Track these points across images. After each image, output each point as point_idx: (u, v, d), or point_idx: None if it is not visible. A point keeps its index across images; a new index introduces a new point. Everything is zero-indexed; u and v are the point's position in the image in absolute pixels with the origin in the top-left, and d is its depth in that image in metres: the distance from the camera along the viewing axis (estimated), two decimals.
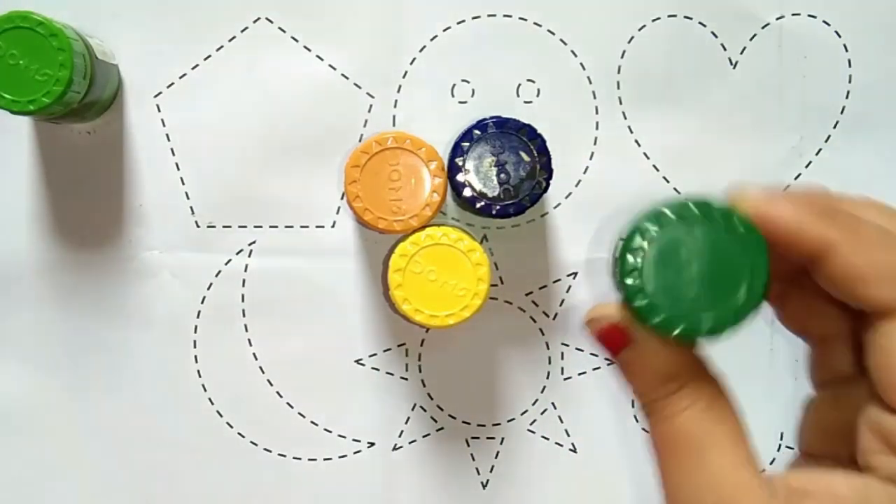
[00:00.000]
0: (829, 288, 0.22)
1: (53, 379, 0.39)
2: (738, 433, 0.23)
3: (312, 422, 0.39)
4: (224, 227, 0.39)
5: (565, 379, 0.39)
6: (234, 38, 0.38)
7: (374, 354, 0.39)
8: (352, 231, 0.39)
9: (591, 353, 0.39)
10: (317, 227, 0.39)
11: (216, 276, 0.39)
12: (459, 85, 0.38)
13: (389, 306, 0.39)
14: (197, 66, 0.38)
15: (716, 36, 0.38)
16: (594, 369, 0.39)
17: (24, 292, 0.38)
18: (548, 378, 0.39)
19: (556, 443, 0.39)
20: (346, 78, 0.38)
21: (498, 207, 0.34)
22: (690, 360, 0.23)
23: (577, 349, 0.39)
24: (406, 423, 0.39)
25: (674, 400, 0.23)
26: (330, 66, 0.38)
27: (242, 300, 0.39)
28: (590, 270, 0.39)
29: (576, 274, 0.39)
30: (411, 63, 0.38)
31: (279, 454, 0.39)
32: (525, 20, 0.38)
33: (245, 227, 0.39)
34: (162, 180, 0.38)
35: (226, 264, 0.39)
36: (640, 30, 0.38)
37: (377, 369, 0.39)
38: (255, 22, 0.38)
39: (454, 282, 0.34)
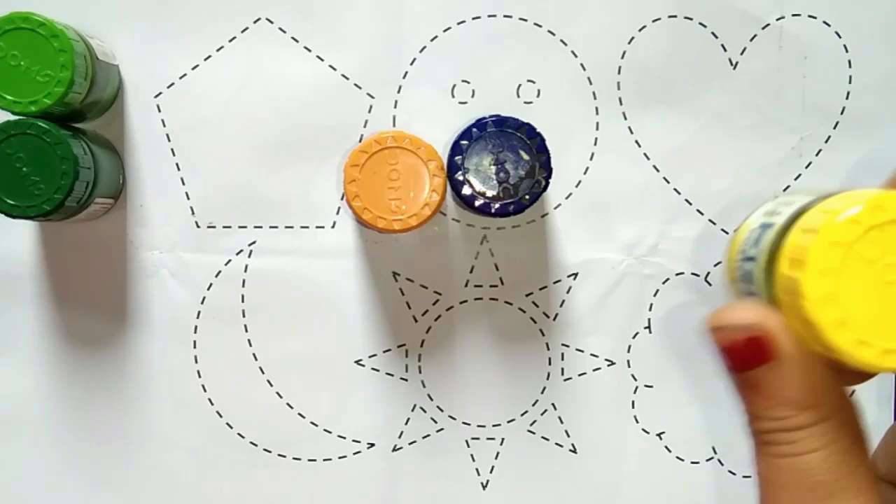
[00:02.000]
0: None
1: (53, 379, 0.39)
2: (871, 483, 0.20)
3: (312, 422, 0.39)
4: (224, 227, 0.39)
5: (565, 379, 0.39)
6: (234, 38, 0.38)
7: (374, 355, 0.39)
8: (352, 231, 0.39)
9: (592, 354, 0.39)
10: (317, 227, 0.39)
11: (216, 276, 0.39)
12: (459, 85, 0.38)
13: None
14: (197, 66, 0.38)
15: (716, 36, 0.38)
16: (594, 370, 0.39)
17: (24, 292, 0.39)
18: (548, 378, 0.39)
19: (556, 443, 0.39)
20: (347, 78, 0.38)
21: (497, 206, 0.34)
22: (837, 388, 0.20)
23: (577, 350, 0.39)
24: (406, 423, 0.39)
25: (810, 435, 0.19)
26: (330, 66, 0.38)
27: (242, 300, 0.39)
28: (590, 270, 0.39)
29: (576, 274, 0.39)
30: (411, 63, 0.38)
31: (279, 454, 0.39)
32: (525, 20, 0.38)
33: (245, 227, 0.39)
34: (162, 180, 0.38)
35: (226, 264, 0.39)
36: (640, 30, 0.38)
37: (377, 370, 0.39)
38: (255, 22, 0.38)
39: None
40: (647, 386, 0.39)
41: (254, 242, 0.39)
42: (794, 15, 0.38)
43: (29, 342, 0.39)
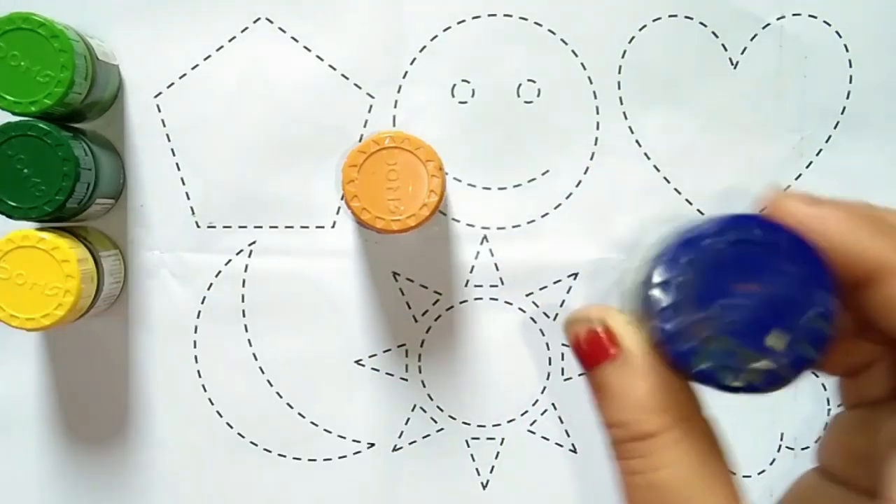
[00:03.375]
0: (877, 314, 0.19)
1: (53, 379, 0.39)
2: (733, 492, 0.18)
3: (312, 422, 0.39)
4: (224, 227, 0.39)
5: (565, 379, 0.39)
6: (234, 38, 0.38)
7: (374, 355, 0.39)
8: (352, 231, 0.39)
9: None
10: (317, 227, 0.39)
11: (216, 276, 0.39)
12: (459, 85, 0.38)
13: None
14: (197, 66, 0.38)
15: (716, 36, 0.38)
16: None
17: None
18: (548, 378, 0.39)
19: (556, 443, 0.39)
20: (347, 78, 0.38)
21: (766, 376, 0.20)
22: (686, 391, 0.19)
23: None
24: (406, 423, 0.39)
25: (662, 445, 0.18)
26: (330, 66, 0.38)
27: (242, 300, 0.39)
28: (590, 270, 0.39)
29: (576, 274, 0.39)
30: (411, 63, 0.38)
31: (279, 454, 0.39)
32: (525, 20, 0.38)
33: (245, 227, 0.39)
34: (162, 180, 0.38)
35: (226, 264, 0.39)
36: (640, 30, 0.38)
37: (377, 370, 0.39)
38: (255, 22, 0.38)
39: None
40: None
41: (254, 242, 0.39)
42: (794, 14, 0.38)
43: (29, 342, 0.39)
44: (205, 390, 0.39)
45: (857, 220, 0.18)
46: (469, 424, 0.39)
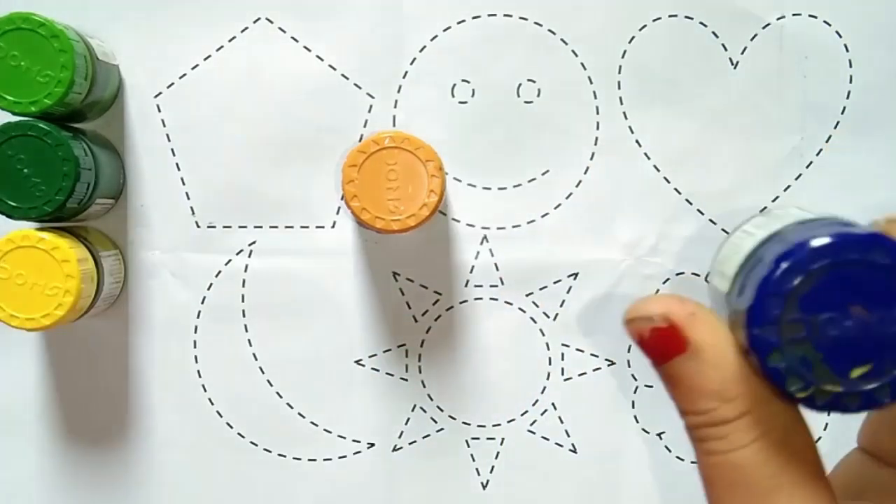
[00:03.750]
0: None
1: (53, 379, 0.39)
2: (813, 474, 0.19)
3: (312, 422, 0.39)
4: (224, 227, 0.39)
5: (565, 379, 0.39)
6: (234, 38, 0.38)
7: (374, 355, 0.39)
8: (352, 231, 0.39)
9: (592, 354, 0.39)
10: (317, 227, 0.39)
11: (216, 276, 0.39)
12: (459, 85, 0.38)
13: None
14: (197, 66, 0.38)
15: (716, 36, 0.38)
16: (594, 370, 0.39)
17: None
18: (548, 378, 0.39)
19: (556, 443, 0.39)
20: (346, 78, 0.38)
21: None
22: (755, 379, 0.19)
23: (578, 349, 0.39)
24: (406, 423, 0.39)
25: (738, 429, 0.18)
26: (330, 66, 0.38)
27: (242, 300, 0.39)
28: (590, 270, 0.39)
29: (576, 274, 0.39)
30: (411, 63, 0.38)
31: (279, 454, 0.39)
32: (525, 20, 0.38)
33: (245, 227, 0.39)
34: (162, 180, 0.38)
35: (226, 264, 0.39)
36: (640, 30, 0.38)
37: (377, 370, 0.39)
38: (255, 22, 0.38)
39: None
40: (647, 386, 0.39)
41: (254, 242, 0.39)
42: (794, 14, 0.38)
43: (29, 342, 0.39)
44: (205, 390, 0.39)
45: None
46: (469, 424, 0.39)
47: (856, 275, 0.18)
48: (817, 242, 0.19)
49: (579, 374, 0.39)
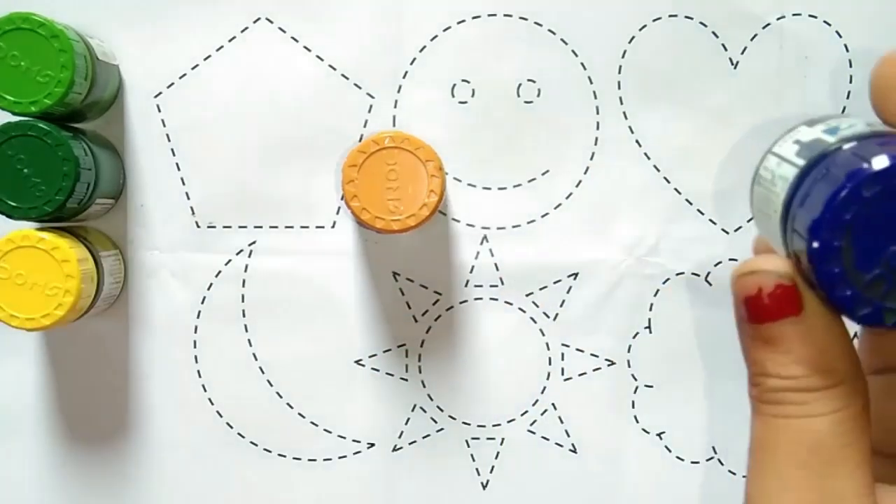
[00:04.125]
0: None
1: (53, 379, 0.39)
2: (870, 457, 0.19)
3: (312, 422, 0.39)
4: (224, 227, 0.39)
5: (565, 379, 0.39)
6: (234, 38, 0.38)
7: (374, 355, 0.39)
8: (352, 231, 0.39)
9: (592, 354, 0.39)
10: (317, 227, 0.39)
11: (216, 276, 0.39)
12: (459, 85, 0.38)
13: None
14: (197, 66, 0.38)
15: (717, 36, 0.38)
16: (594, 370, 0.39)
17: None
18: (548, 378, 0.39)
19: (556, 443, 0.39)
20: (347, 78, 0.38)
21: None
22: (854, 354, 0.19)
23: (577, 350, 0.39)
24: (406, 423, 0.39)
25: (823, 397, 0.19)
26: (330, 66, 0.38)
27: (242, 300, 0.39)
28: (590, 270, 0.39)
29: (576, 274, 0.39)
30: (411, 63, 0.38)
31: (279, 454, 0.39)
32: (525, 20, 0.38)
33: (245, 227, 0.39)
34: (162, 180, 0.38)
35: (226, 264, 0.39)
36: (640, 30, 0.38)
37: (377, 370, 0.39)
38: (255, 22, 0.38)
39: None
40: (647, 386, 0.39)
41: (254, 242, 0.39)
42: (794, 14, 0.38)
43: (29, 342, 0.39)
44: (205, 390, 0.39)
45: None
46: (469, 424, 0.39)
47: None
48: (851, 178, 0.19)
49: (579, 374, 0.39)
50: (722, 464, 0.39)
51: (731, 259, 0.39)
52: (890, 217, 0.18)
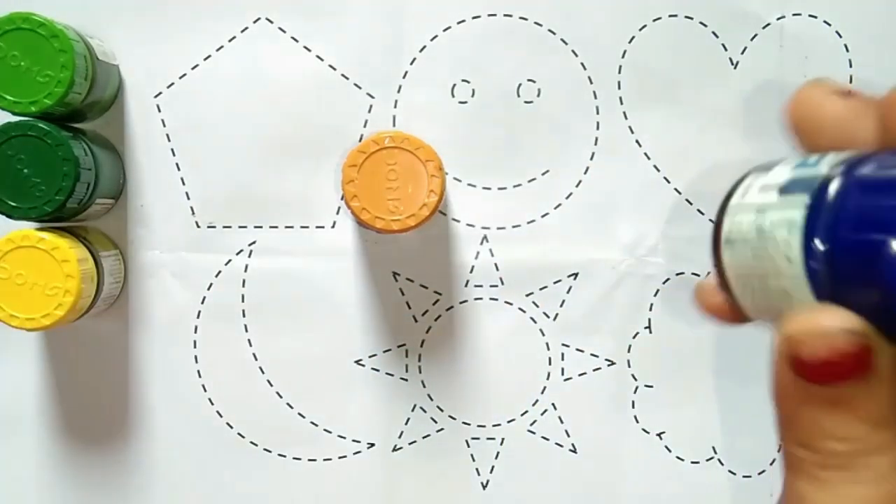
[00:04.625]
0: None
1: (53, 379, 0.39)
2: None
3: (312, 422, 0.39)
4: (224, 227, 0.39)
5: (565, 379, 0.39)
6: (234, 38, 0.38)
7: (374, 355, 0.39)
8: (352, 231, 0.39)
9: (592, 354, 0.39)
10: (317, 227, 0.39)
11: (216, 276, 0.39)
12: (459, 85, 0.38)
13: None
14: (197, 66, 0.38)
15: (717, 36, 0.38)
16: (594, 370, 0.39)
17: None
18: (548, 378, 0.39)
19: (556, 443, 0.39)
20: (346, 78, 0.38)
21: None
22: None
23: (577, 350, 0.39)
24: (406, 423, 0.39)
25: (887, 455, 0.17)
26: (330, 66, 0.38)
27: (242, 300, 0.39)
28: (590, 270, 0.39)
29: (576, 274, 0.39)
30: (411, 63, 0.38)
31: (279, 454, 0.39)
32: (525, 20, 0.38)
33: (245, 227, 0.39)
34: (162, 180, 0.38)
35: (226, 264, 0.39)
36: (640, 29, 0.38)
37: (377, 370, 0.39)
38: (255, 22, 0.38)
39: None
40: (647, 386, 0.39)
41: (254, 242, 0.39)
42: (794, 14, 0.38)
43: (29, 342, 0.39)
44: (205, 390, 0.39)
45: None
46: (469, 424, 0.39)
47: None
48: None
49: (579, 374, 0.39)
50: (722, 464, 0.39)
51: None
52: None
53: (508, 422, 0.39)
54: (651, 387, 0.39)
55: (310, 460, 0.39)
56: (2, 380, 0.39)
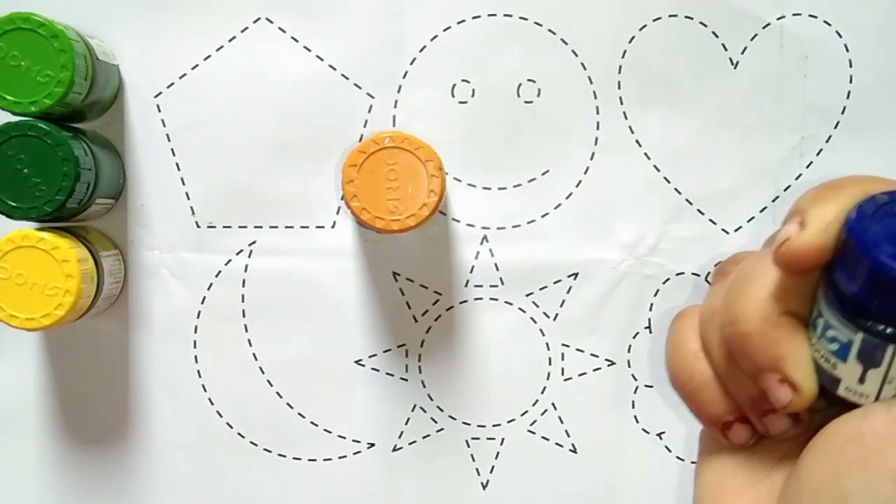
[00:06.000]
0: None
1: (53, 379, 0.39)
2: None
3: (312, 422, 0.39)
4: (224, 227, 0.39)
5: (565, 379, 0.39)
6: (234, 38, 0.38)
7: (374, 355, 0.39)
8: (352, 231, 0.39)
9: (592, 354, 0.39)
10: (317, 227, 0.39)
11: (216, 276, 0.39)
12: (459, 85, 0.38)
13: None
14: (197, 66, 0.38)
15: (717, 36, 0.38)
16: (594, 370, 0.39)
17: None
18: (548, 378, 0.39)
19: (556, 443, 0.39)
20: (346, 78, 0.38)
21: None
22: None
23: (578, 350, 0.39)
24: (406, 423, 0.39)
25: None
26: (330, 66, 0.38)
27: (242, 300, 0.39)
28: (590, 270, 0.39)
29: (576, 274, 0.39)
30: (411, 63, 0.38)
31: (279, 454, 0.39)
32: (525, 20, 0.38)
33: (245, 227, 0.39)
34: (162, 180, 0.38)
35: (226, 264, 0.39)
36: (640, 29, 0.38)
37: (377, 370, 0.39)
38: (255, 22, 0.38)
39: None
40: (647, 386, 0.39)
41: (254, 242, 0.39)
42: (794, 14, 0.38)
43: (29, 342, 0.39)
44: (205, 390, 0.39)
45: None
46: (469, 424, 0.39)
47: None
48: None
49: (579, 374, 0.39)
50: None
51: None
52: None
53: (508, 422, 0.39)
54: (651, 387, 0.39)
55: (310, 460, 0.39)
56: (1, 380, 0.39)
